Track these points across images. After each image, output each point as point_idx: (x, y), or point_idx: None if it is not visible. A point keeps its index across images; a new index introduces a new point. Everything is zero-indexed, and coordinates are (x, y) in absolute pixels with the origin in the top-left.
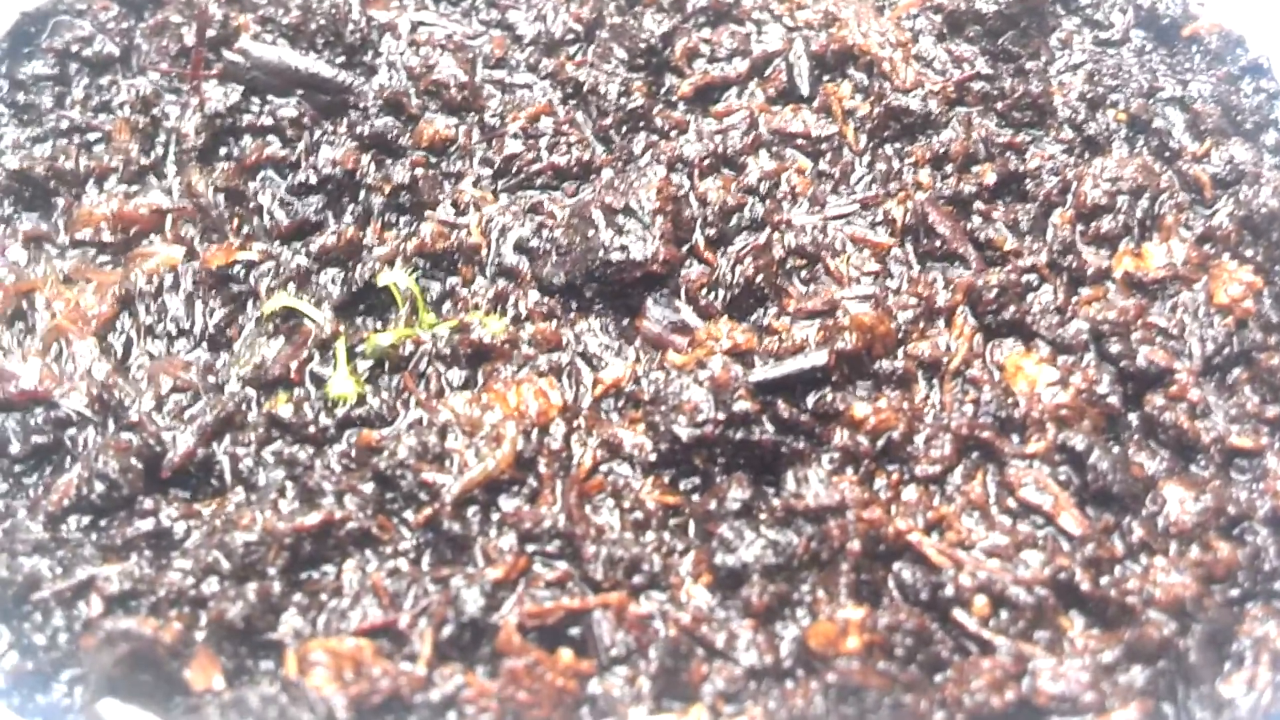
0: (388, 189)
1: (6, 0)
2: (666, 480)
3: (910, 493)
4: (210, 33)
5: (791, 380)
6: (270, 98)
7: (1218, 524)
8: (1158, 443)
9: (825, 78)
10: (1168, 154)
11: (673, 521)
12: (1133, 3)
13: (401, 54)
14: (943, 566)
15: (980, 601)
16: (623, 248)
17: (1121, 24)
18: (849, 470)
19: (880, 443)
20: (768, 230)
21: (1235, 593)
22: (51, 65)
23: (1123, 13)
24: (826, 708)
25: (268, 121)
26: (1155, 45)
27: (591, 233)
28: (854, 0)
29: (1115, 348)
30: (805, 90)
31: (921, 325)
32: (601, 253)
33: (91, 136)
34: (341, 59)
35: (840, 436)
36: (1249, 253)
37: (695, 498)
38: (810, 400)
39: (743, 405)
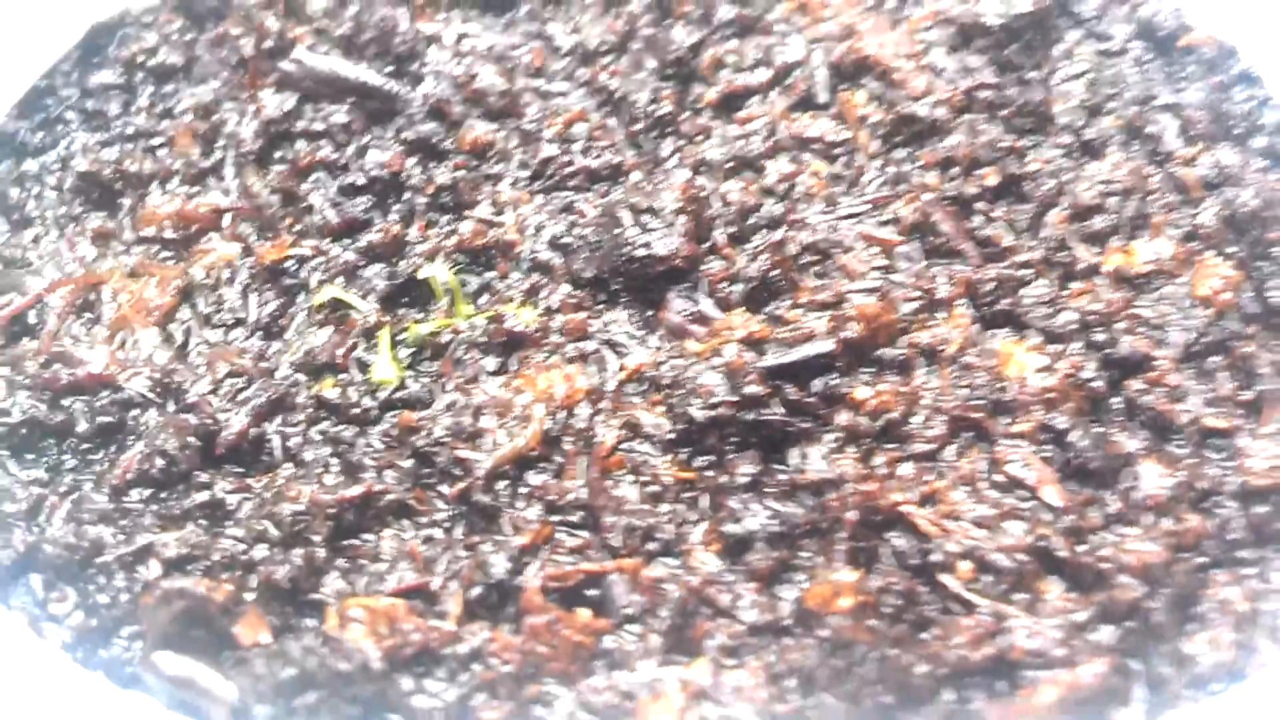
0: (431, 190)
1: (78, 13)
2: (683, 457)
3: (906, 469)
4: (267, 44)
5: (800, 366)
6: (323, 105)
7: (1189, 498)
8: (1137, 424)
9: (842, 86)
10: (1159, 157)
11: (687, 495)
12: (1133, 16)
13: (446, 64)
14: (932, 535)
15: (965, 566)
16: (646, 244)
17: (1121, 36)
18: (850, 448)
19: (880, 423)
20: (783, 228)
21: (1203, 560)
22: (119, 74)
23: (1123, 25)
24: (819, 660)
25: (320, 127)
26: (1153, 55)
27: (618, 230)
28: (871, 14)
29: (1101, 336)
30: (823, 98)
31: (923, 316)
32: (627, 249)
33: (155, 141)
34: (390, 68)
35: (843, 417)
36: (1231, 249)
37: (709, 473)
38: (818, 384)
39: (753, 389)
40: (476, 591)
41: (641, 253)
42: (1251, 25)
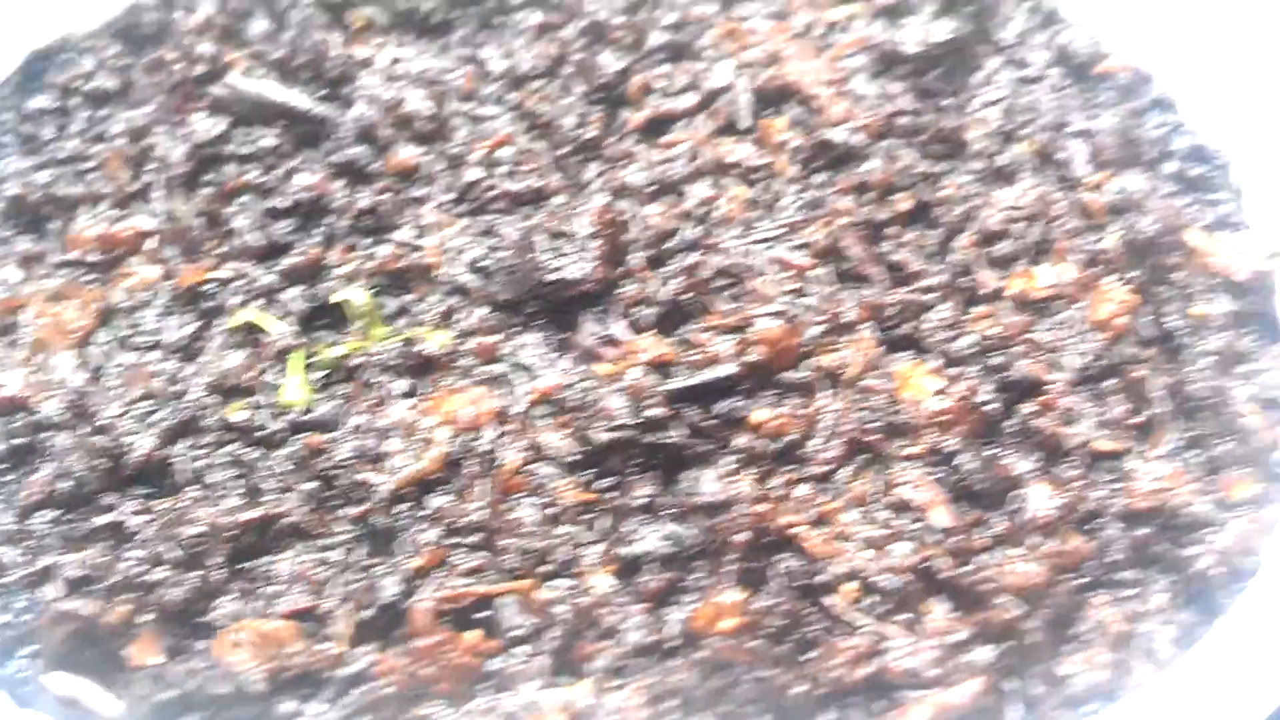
0: (352, 213)
1: (17, 39)
2: (586, 479)
3: (802, 490)
4: (203, 69)
5: (703, 389)
6: (252, 128)
7: (1074, 519)
8: (1030, 446)
9: (765, 112)
10: (1068, 183)
11: (587, 517)
12: (1051, 43)
13: (377, 88)
14: (820, 556)
15: (850, 587)
16: (559, 269)
17: (1039, 63)
18: (749, 470)
19: (778, 445)
20: (699, 252)
21: (1084, 581)
22: (55, 99)
23: (1041, 52)
24: (699, 681)
25: (248, 150)
26: (1069, 82)
27: (533, 255)
28: (797, 41)
29: (998, 360)
30: (745, 123)
31: (829, 339)
32: (541, 273)
33: (86, 165)
34: (323, 92)
35: (743, 440)
36: (1132, 274)
37: (610, 495)
38: (722, 407)
39: (654, 412)
40: (367, 614)
41: (554, 277)
42: (1168, 52)
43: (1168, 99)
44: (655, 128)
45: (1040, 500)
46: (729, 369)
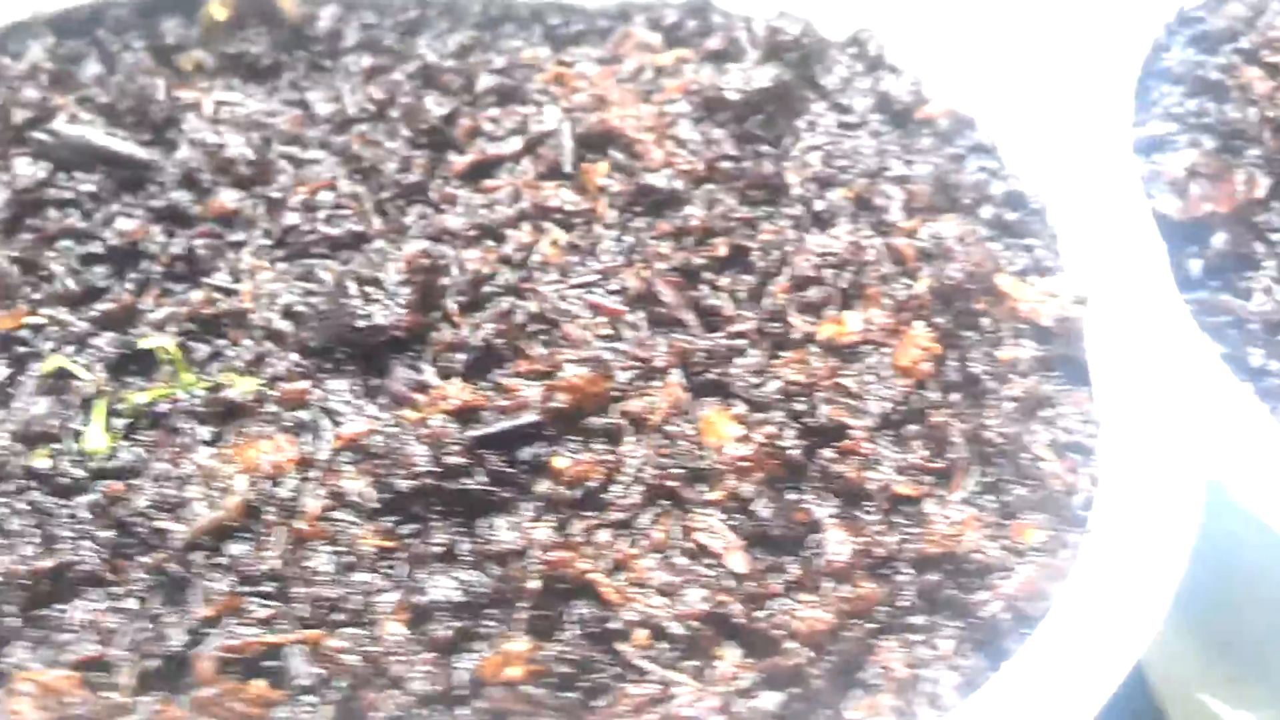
0: (166, 258)
1: None
2: (386, 527)
3: (603, 536)
4: (29, 114)
5: (506, 435)
6: (75, 173)
7: (867, 564)
8: (830, 491)
9: (589, 156)
10: (884, 228)
11: (384, 565)
12: (874, 89)
13: (201, 131)
14: (613, 603)
15: (641, 634)
16: (369, 315)
17: (862, 108)
18: (549, 517)
19: (579, 492)
20: (514, 297)
21: (873, 627)
22: None
23: (864, 97)
24: None
25: (70, 195)
26: (891, 128)
27: (344, 300)
28: (623, 85)
29: (801, 405)
30: (568, 167)
31: (639, 385)
32: (351, 319)
33: None
34: (148, 136)
35: (544, 486)
36: (940, 319)
37: (411, 542)
38: (527, 453)
39: (455, 459)
40: (152, 663)
41: (364, 323)
42: (991, 97)
43: (988, 144)
44: (480, 172)
45: (836, 545)
46: (531, 416)
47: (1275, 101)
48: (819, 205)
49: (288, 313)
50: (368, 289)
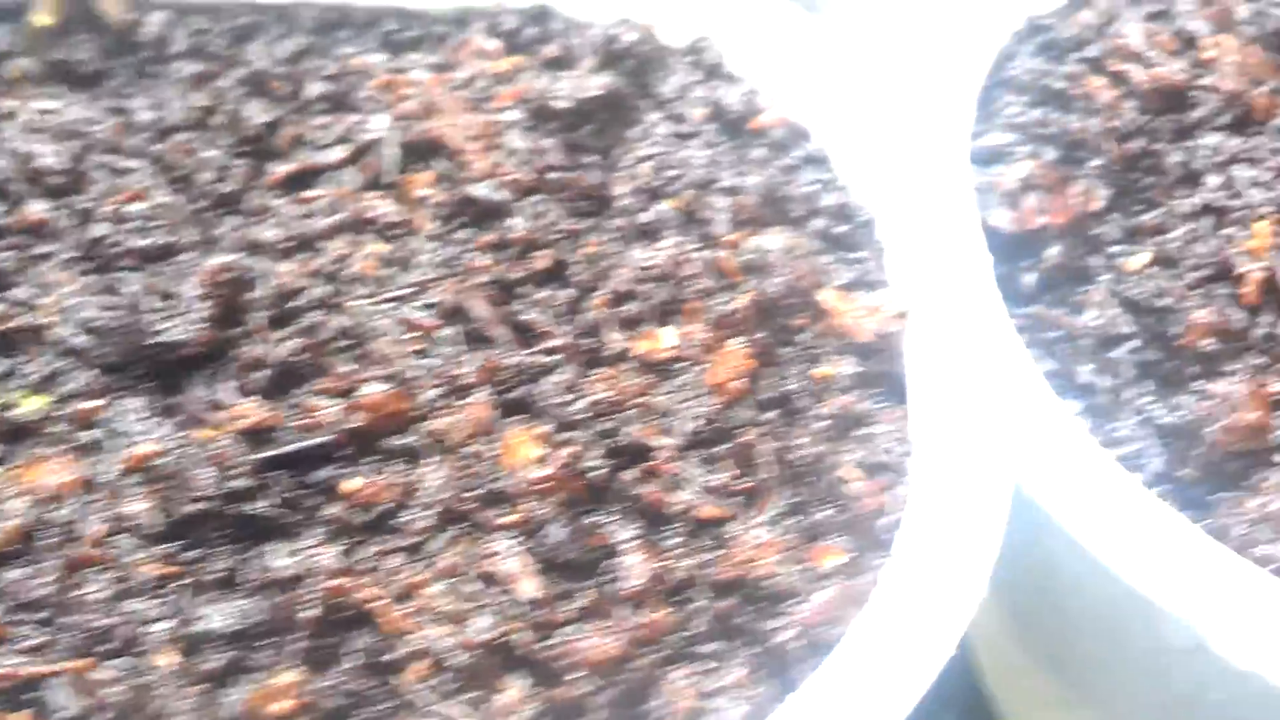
0: None
1: None
2: (169, 551)
3: (392, 563)
4: None
5: (298, 456)
6: None
7: (664, 590)
8: (631, 513)
9: (413, 166)
10: (709, 241)
11: (162, 591)
12: (709, 98)
13: (14, 141)
14: (394, 632)
15: (420, 664)
16: (164, 330)
17: (696, 117)
18: (338, 542)
19: (371, 515)
20: (323, 311)
21: (664, 654)
22: None
23: (699, 107)
24: None
25: None
26: (724, 138)
27: (140, 315)
28: (455, 93)
29: (608, 424)
30: (390, 177)
31: (444, 403)
32: (145, 334)
33: None
34: None
35: (335, 509)
36: (758, 335)
37: (194, 568)
38: (321, 475)
39: (243, 481)
40: None
41: (158, 339)
42: (826, 108)
43: (822, 155)
44: (299, 182)
45: (632, 570)
46: (325, 436)
47: (1118, 111)
48: (645, 217)
49: (88, 328)
50: (166, 303)
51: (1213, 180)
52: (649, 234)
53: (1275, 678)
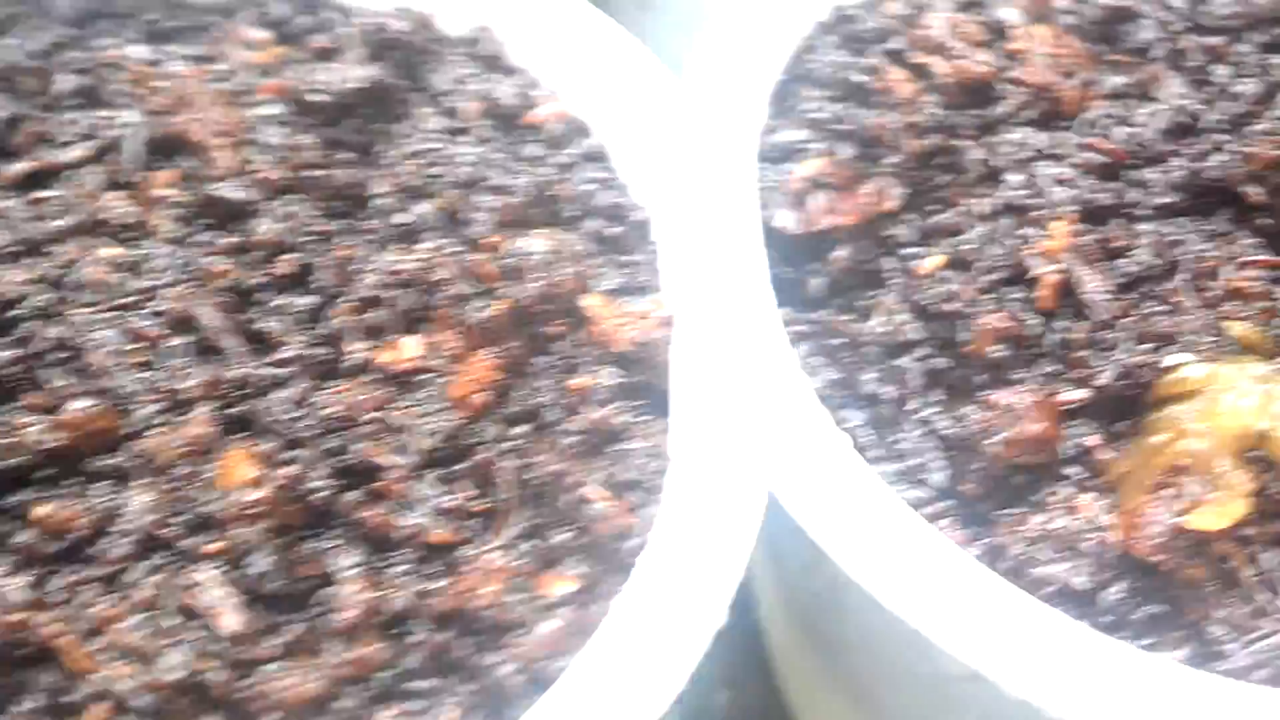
0: None
1: None
2: None
3: (87, 594)
4: None
5: None
6: None
7: (381, 622)
8: (356, 539)
9: (156, 164)
10: (468, 244)
11: None
12: (481, 91)
13: None
14: (77, 671)
15: (100, 707)
16: None
17: (468, 112)
18: (27, 571)
19: (65, 542)
20: (44, 321)
21: (370, 693)
22: None
23: (473, 101)
24: None
25: None
26: (498, 134)
27: None
28: (213, 86)
29: (336, 442)
30: (132, 176)
31: (161, 420)
32: None
33: None
34: None
35: (25, 536)
36: (512, 344)
37: None
38: (14, 499)
39: None
40: None
41: None
42: (611, 100)
43: (600, 151)
44: (35, 181)
45: (347, 601)
46: (20, 458)
47: (917, 106)
48: (403, 218)
49: None
50: None
51: (1014, 178)
52: (406, 236)
53: (1046, 707)
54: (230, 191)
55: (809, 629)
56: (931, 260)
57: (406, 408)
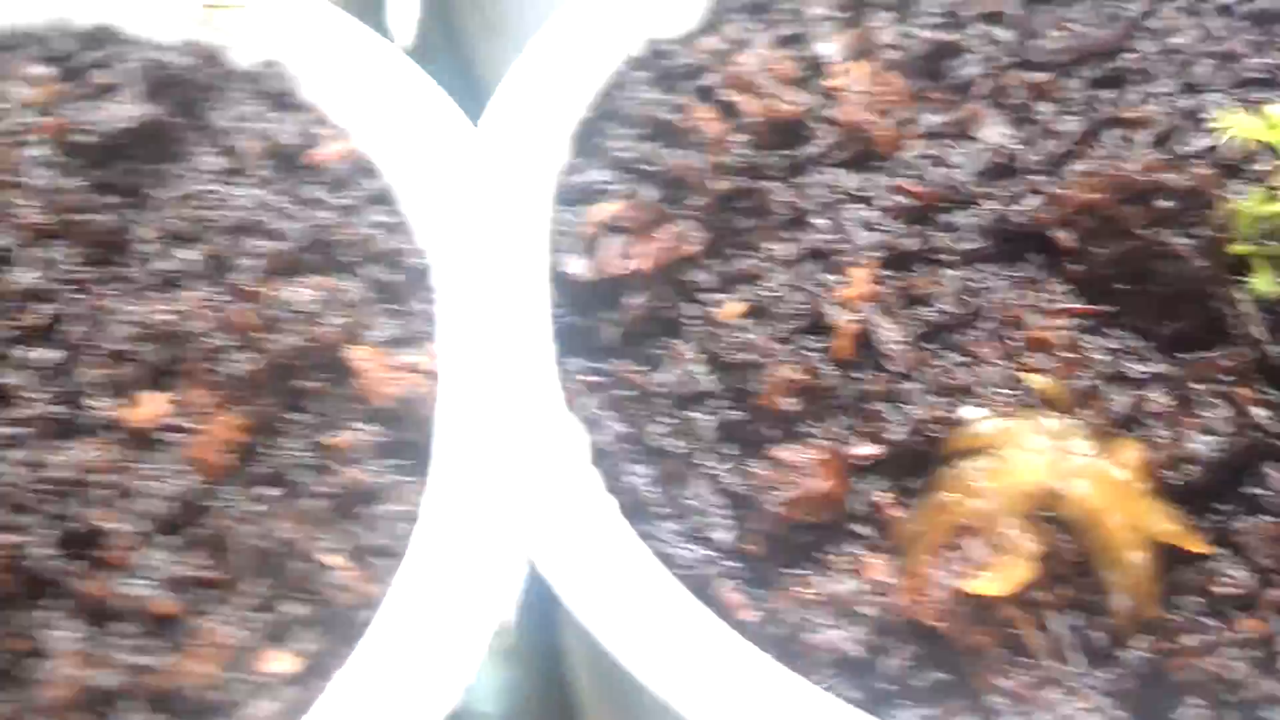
0: None
1: None
2: None
3: None
4: None
5: None
6: None
7: (88, 702)
8: (77, 611)
9: None
10: (233, 293)
11: None
12: (263, 130)
13: None
14: None
15: None
16: None
17: (247, 153)
18: None
19: None
20: None
21: None
22: None
23: (256, 140)
24: None
25: None
26: (278, 175)
27: None
28: None
29: (65, 508)
30: None
31: None
32: None
33: None
34: None
35: None
36: (266, 400)
37: None
38: None
39: None
40: None
41: None
42: (402, 139)
43: (387, 193)
44: None
45: (54, 676)
46: None
47: (725, 146)
48: (166, 265)
49: None
50: None
51: (820, 221)
52: (167, 284)
53: None
54: None
55: (602, 688)
56: (730, 307)
57: (143, 470)
